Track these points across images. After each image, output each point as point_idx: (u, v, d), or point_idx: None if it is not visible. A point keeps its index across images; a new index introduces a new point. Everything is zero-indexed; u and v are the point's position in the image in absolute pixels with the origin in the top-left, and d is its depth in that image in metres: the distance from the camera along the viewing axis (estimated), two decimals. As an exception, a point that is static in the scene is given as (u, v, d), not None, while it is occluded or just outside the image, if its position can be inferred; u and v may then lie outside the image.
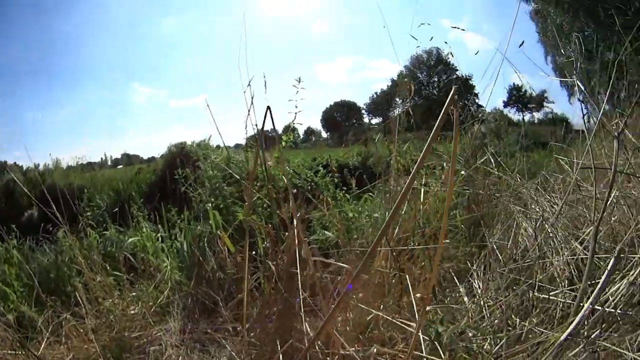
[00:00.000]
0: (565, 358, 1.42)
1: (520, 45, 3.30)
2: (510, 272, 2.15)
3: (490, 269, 2.36)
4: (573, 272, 1.95)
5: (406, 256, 2.40)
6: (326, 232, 2.97)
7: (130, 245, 4.17)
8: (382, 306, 2.11)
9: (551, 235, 2.21)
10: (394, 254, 2.21)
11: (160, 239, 4.18)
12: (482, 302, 2.08)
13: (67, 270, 4.06)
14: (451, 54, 3.76)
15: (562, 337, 1.41)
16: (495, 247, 2.36)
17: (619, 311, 1.51)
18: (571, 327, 1.40)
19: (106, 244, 4.22)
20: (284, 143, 3.30)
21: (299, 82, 2.96)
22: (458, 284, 2.34)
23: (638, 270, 1.58)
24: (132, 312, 3.28)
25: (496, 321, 1.85)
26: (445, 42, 3.49)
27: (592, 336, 1.45)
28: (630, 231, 1.84)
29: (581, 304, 1.55)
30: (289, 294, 2.15)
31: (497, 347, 1.65)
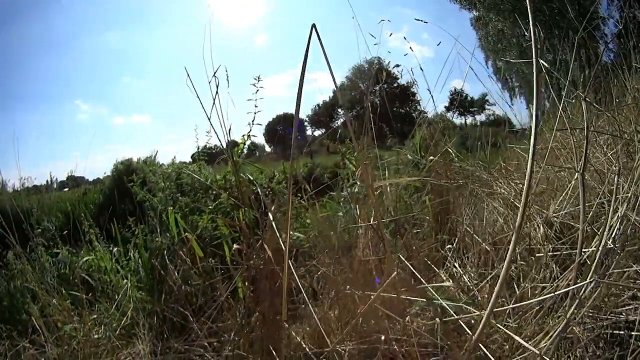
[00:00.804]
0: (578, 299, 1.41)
1: (438, 44, 3.47)
2: (486, 250, 2.15)
3: (466, 251, 2.35)
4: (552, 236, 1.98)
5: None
6: (297, 233, 2.85)
7: (85, 265, 3.84)
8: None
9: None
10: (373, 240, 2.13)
11: (113, 257, 3.90)
12: (466, 280, 2.05)
13: (20, 297, 3.70)
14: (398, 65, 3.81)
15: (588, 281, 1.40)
16: (469, 230, 2.35)
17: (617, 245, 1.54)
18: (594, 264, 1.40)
19: (59, 265, 3.92)
20: (242, 146, 3.19)
21: (258, 80, 2.86)
22: (436, 269, 2.29)
23: (624, 207, 1.61)
24: (96, 336, 2.97)
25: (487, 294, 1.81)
26: (389, 52, 3.51)
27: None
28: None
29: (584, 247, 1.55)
30: (271, 296, 2.01)
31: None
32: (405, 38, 3.73)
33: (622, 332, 1.55)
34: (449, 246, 2.44)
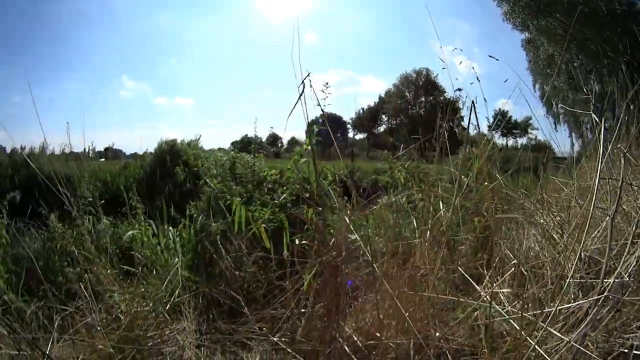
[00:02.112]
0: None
1: (505, 81, 4.05)
2: (522, 273, 2.83)
3: (502, 271, 3.03)
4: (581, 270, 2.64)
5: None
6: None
7: (127, 239, 4.43)
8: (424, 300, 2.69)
9: (557, 241, 2.93)
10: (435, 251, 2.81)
11: (156, 234, 4.47)
12: (502, 297, 2.72)
13: (57, 259, 4.27)
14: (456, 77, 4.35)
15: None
16: (508, 253, 3.03)
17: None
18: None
19: (99, 235, 4.39)
20: (306, 146, 3.81)
21: (327, 86, 3.42)
22: (476, 285, 2.96)
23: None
24: (145, 308, 3.49)
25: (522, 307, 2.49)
26: (442, 61, 4.05)
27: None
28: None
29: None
30: (336, 290, 2.68)
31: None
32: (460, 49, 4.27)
33: (626, 350, 2.21)
34: (487, 265, 3.12)
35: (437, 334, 2.38)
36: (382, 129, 67.49)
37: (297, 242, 3.19)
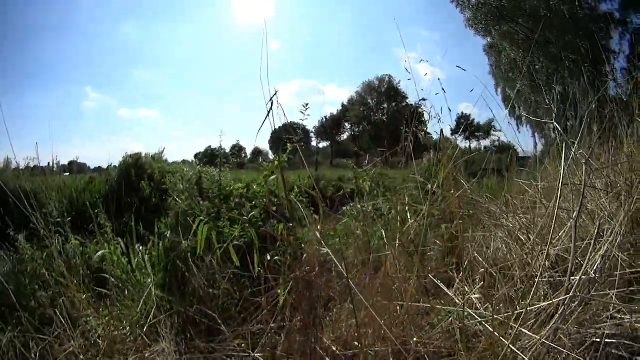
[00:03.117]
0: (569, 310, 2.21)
1: (471, 90, 4.23)
2: (491, 273, 2.96)
3: (472, 273, 3.16)
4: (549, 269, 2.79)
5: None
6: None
7: (97, 259, 4.38)
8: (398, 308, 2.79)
9: (524, 242, 3.07)
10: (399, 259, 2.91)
11: (125, 253, 4.44)
12: (473, 298, 2.85)
13: (28, 283, 4.17)
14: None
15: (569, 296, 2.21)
16: (477, 256, 3.16)
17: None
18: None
19: (69, 256, 4.35)
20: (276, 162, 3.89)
21: (306, 108, 3.49)
22: (446, 290, 3.07)
23: (607, 245, 2.43)
24: (119, 332, 3.53)
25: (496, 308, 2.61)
26: (408, 71, 4.19)
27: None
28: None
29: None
30: (311, 303, 2.75)
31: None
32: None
33: (598, 340, 2.35)
34: (457, 268, 3.25)
35: (415, 339, 2.47)
36: (345, 136, 69.09)
37: (268, 258, 3.27)
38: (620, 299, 2.45)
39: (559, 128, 2.69)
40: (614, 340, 2.25)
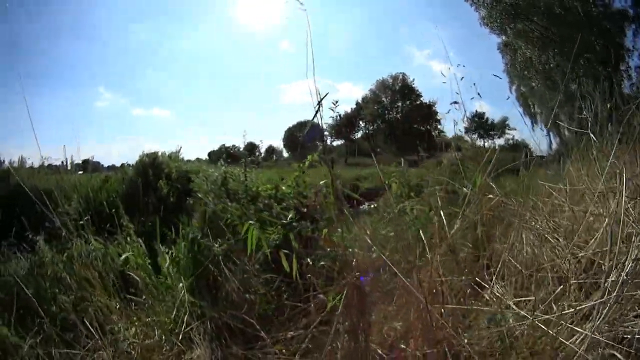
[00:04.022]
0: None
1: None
2: (525, 277, 3.25)
3: (504, 276, 3.44)
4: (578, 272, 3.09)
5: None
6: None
7: (120, 262, 4.46)
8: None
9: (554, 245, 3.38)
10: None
11: (146, 254, 4.57)
12: (509, 300, 3.13)
13: (48, 286, 4.26)
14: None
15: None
16: (510, 259, 3.44)
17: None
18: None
19: (90, 257, 4.40)
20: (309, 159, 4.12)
21: (336, 105, 3.67)
22: (480, 291, 3.35)
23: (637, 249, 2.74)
24: (149, 341, 3.61)
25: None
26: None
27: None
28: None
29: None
30: (361, 309, 3.00)
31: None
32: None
33: (628, 336, 2.65)
34: (489, 271, 3.53)
35: (466, 340, 2.73)
36: (359, 134, 70.69)
37: (314, 262, 3.50)
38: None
39: (594, 138, 2.96)
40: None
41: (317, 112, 3.08)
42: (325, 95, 3.02)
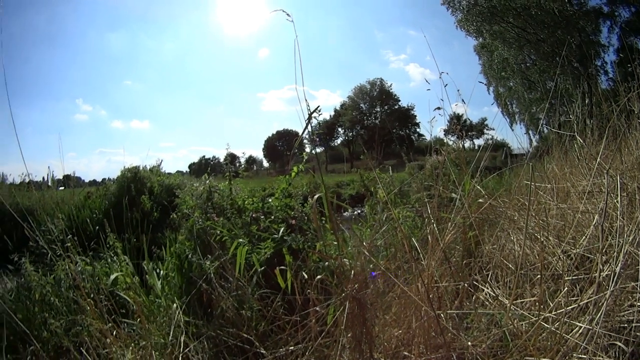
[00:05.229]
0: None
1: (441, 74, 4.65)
2: (518, 276, 3.38)
3: (496, 276, 3.58)
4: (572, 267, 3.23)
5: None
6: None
7: (109, 282, 4.48)
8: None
9: (544, 242, 3.52)
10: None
11: (135, 273, 4.58)
12: (504, 300, 3.26)
13: (37, 310, 4.25)
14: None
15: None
16: (502, 259, 3.58)
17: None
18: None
19: (78, 278, 4.23)
20: (295, 171, 4.20)
21: (319, 113, 3.75)
22: (475, 293, 3.47)
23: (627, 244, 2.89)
24: None
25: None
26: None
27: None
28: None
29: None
30: (362, 320, 3.08)
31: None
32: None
33: (625, 325, 2.80)
34: (482, 274, 3.66)
35: (470, 343, 2.84)
36: (339, 141, 71.86)
37: (310, 276, 3.57)
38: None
39: (580, 140, 3.10)
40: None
41: (307, 124, 3.16)
42: (317, 109, 3.10)
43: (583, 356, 2.54)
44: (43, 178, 11.44)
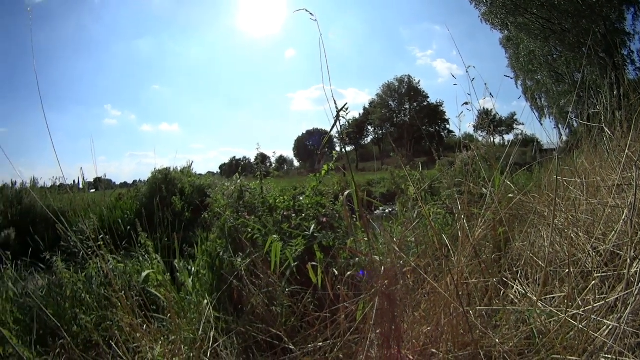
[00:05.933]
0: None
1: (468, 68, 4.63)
2: (547, 273, 3.41)
3: (526, 274, 3.61)
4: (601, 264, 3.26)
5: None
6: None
7: (140, 279, 4.62)
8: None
9: (574, 239, 3.54)
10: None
11: (165, 271, 4.72)
12: (533, 297, 3.29)
13: (68, 306, 4.40)
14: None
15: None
16: (533, 256, 3.61)
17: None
18: None
19: (109, 276, 4.29)
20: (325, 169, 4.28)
21: (347, 111, 3.78)
22: (505, 290, 3.52)
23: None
24: (176, 359, 3.60)
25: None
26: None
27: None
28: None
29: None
30: (392, 317, 3.15)
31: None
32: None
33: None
34: (511, 270, 3.69)
35: (498, 340, 2.89)
36: (369, 139, 72.33)
37: (341, 272, 3.64)
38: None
39: (609, 132, 3.11)
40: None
41: (335, 123, 3.23)
42: (344, 107, 3.16)
43: (610, 356, 2.56)
44: (74, 181, 11.78)
